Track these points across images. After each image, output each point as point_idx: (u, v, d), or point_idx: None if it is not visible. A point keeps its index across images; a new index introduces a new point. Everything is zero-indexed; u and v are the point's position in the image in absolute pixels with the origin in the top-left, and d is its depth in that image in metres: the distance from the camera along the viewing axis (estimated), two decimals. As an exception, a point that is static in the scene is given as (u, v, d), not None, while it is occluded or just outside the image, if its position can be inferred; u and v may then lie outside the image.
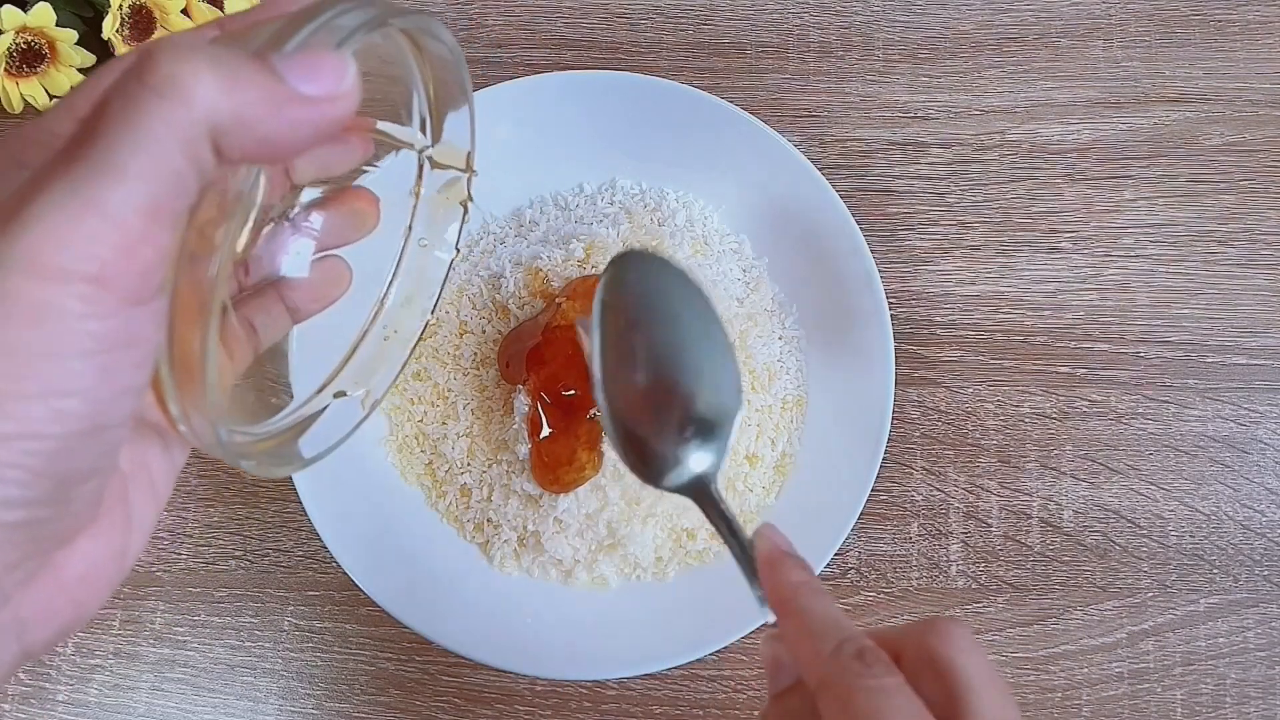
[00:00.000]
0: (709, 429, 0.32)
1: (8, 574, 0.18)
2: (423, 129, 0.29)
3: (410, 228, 0.32)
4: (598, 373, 0.31)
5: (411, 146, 0.30)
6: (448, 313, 0.46)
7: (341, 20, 0.21)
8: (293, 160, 0.23)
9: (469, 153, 0.31)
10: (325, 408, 0.30)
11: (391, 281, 0.33)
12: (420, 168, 0.31)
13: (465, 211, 0.32)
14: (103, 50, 0.47)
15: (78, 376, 0.17)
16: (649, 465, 0.32)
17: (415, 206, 0.32)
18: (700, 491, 0.31)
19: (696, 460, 0.31)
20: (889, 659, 0.24)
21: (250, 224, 0.20)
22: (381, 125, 0.29)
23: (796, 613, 0.26)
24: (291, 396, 0.30)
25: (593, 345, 0.31)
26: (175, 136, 0.17)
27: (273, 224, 0.28)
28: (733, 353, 0.33)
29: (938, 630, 0.24)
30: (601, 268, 0.40)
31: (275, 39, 0.20)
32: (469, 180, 0.31)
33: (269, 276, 0.29)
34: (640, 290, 0.32)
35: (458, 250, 0.33)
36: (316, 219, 0.29)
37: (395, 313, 0.33)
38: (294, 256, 0.29)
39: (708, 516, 0.31)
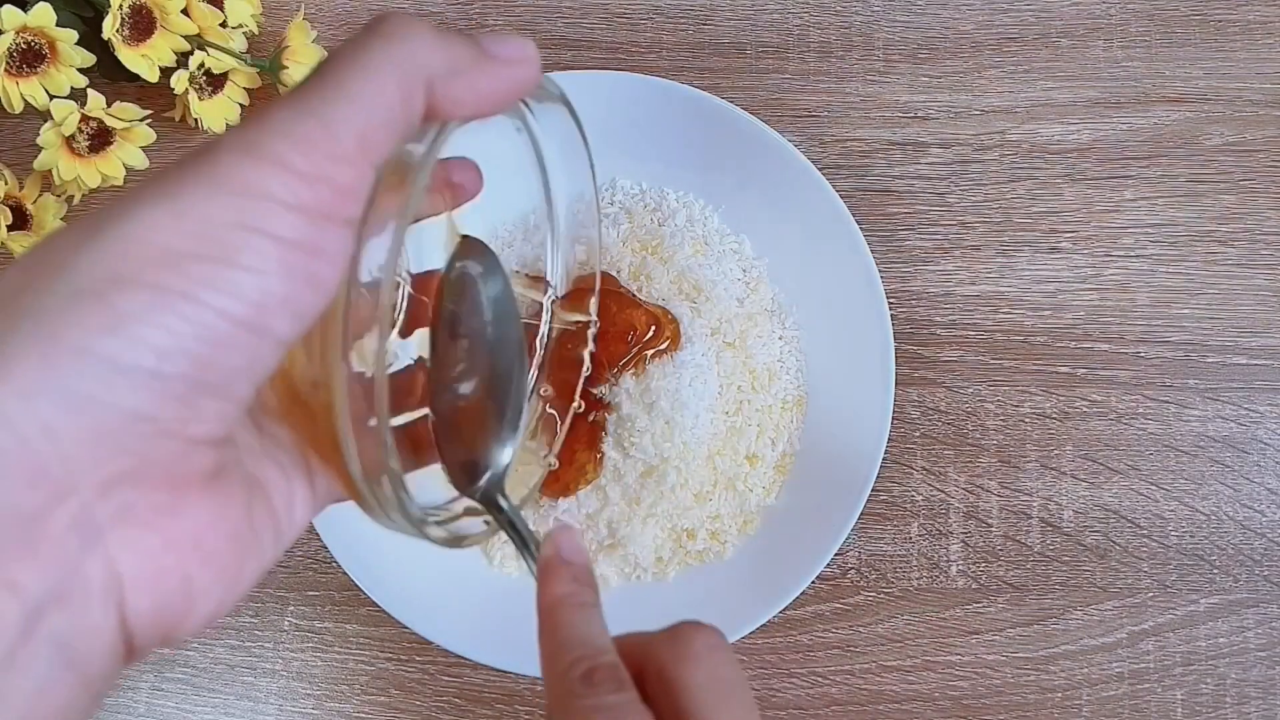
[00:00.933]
0: (504, 429, 0.30)
1: (100, 497, 0.16)
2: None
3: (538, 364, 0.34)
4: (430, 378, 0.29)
5: (543, 290, 0.31)
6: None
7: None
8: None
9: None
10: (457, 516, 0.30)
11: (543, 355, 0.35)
12: (550, 314, 0.33)
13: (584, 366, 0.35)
14: (103, 50, 0.46)
15: (259, 255, 0.17)
16: (465, 473, 0.30)
17: (541, 352, 0.34)
18: (485, 498, 0.29)
19: (498, 456, 0.30)
20: (623, 677, 0.23)
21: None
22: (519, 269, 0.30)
23: (549, 628, 0.25)
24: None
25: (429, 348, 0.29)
26: (395, 70, 0.19)
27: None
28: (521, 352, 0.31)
29: (674, 640, 0.24)
30: (599, 269, 0.40)
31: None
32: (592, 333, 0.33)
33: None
34: (464, 294, 0.30)
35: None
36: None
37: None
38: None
39: (499, 524, 0.29)
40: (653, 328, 0.43)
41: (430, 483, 0.26)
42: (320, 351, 0.20)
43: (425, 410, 0.28)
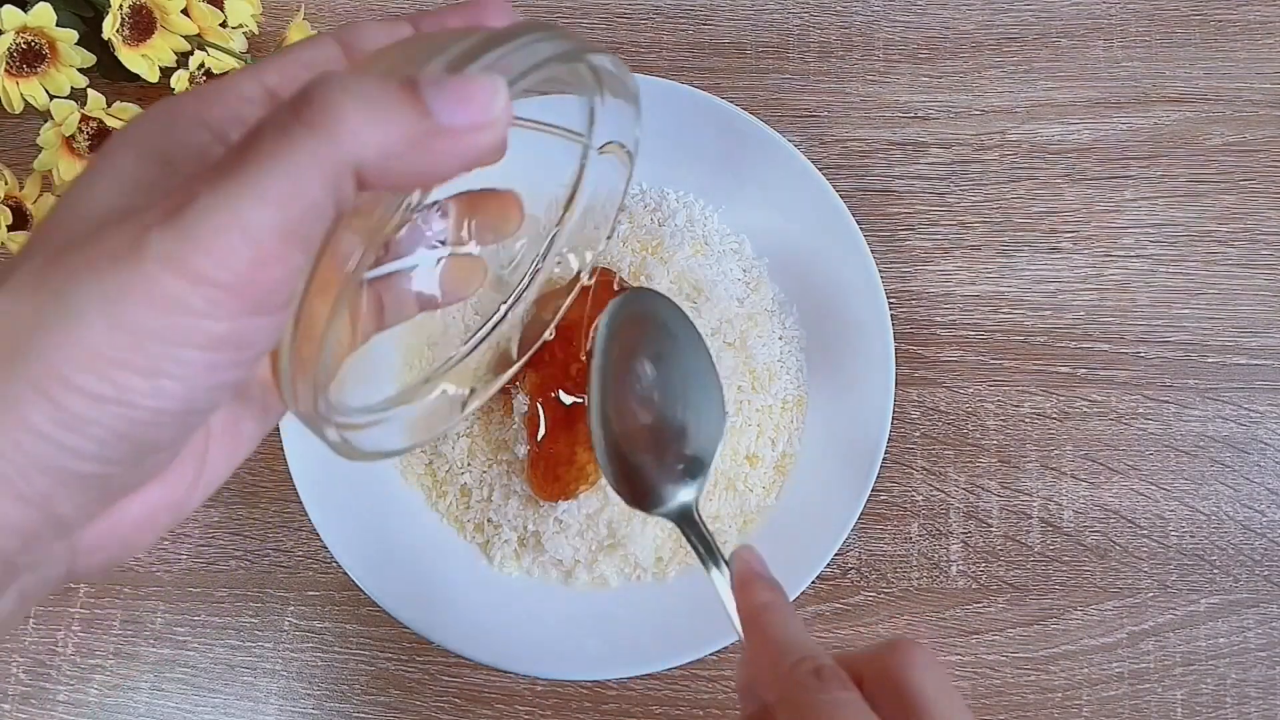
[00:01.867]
0: (697, 464, 0.34)
1: (73, 513, 0.19)
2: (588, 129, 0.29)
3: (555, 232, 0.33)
4: (596, 402, 0.32)
5: (578, 138, 0.30)
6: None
7: (537, 47, 0.21)
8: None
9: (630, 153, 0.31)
10: (425, 400, 0.31)
11: (528, 284, 0.33)
12: (581, 164, 0.31)
13: (611, 233, 0.33)
14: (103, 50, 0.46)
15: (184, 365, 0.18)
16: (642, 496, 0.33)
17: (570, 200, 0.32)
18: (685, 517, 0.33)
19: (685, 492, 0.33)
20: (846, 677, 0.25)
21: (396, 223, 0.20)
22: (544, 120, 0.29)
23: (760, 630, 0.27)
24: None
25: (593, 375, 0.32)
26: (318, 169, 0.18)
27: (414, 214, 0.28)
28: (719, 388, 0.34)
29: (896, 650, 0.25)
30: (600, 267, 0.40)
31: (460, 56, 0.20)
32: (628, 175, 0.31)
33: (404, 264, 0.29)
34: (642, 325, 0.33)
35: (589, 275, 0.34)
36: (456, 217, 0.29)
37: (513, 322, 0.33)
38: (430, 251, 0.29)
39: (688, 540, 0.32)
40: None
41: (359, 387, 0.26)
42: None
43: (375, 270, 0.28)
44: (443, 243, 0.29)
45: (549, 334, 0.36)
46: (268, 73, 0.23)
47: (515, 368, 0.34)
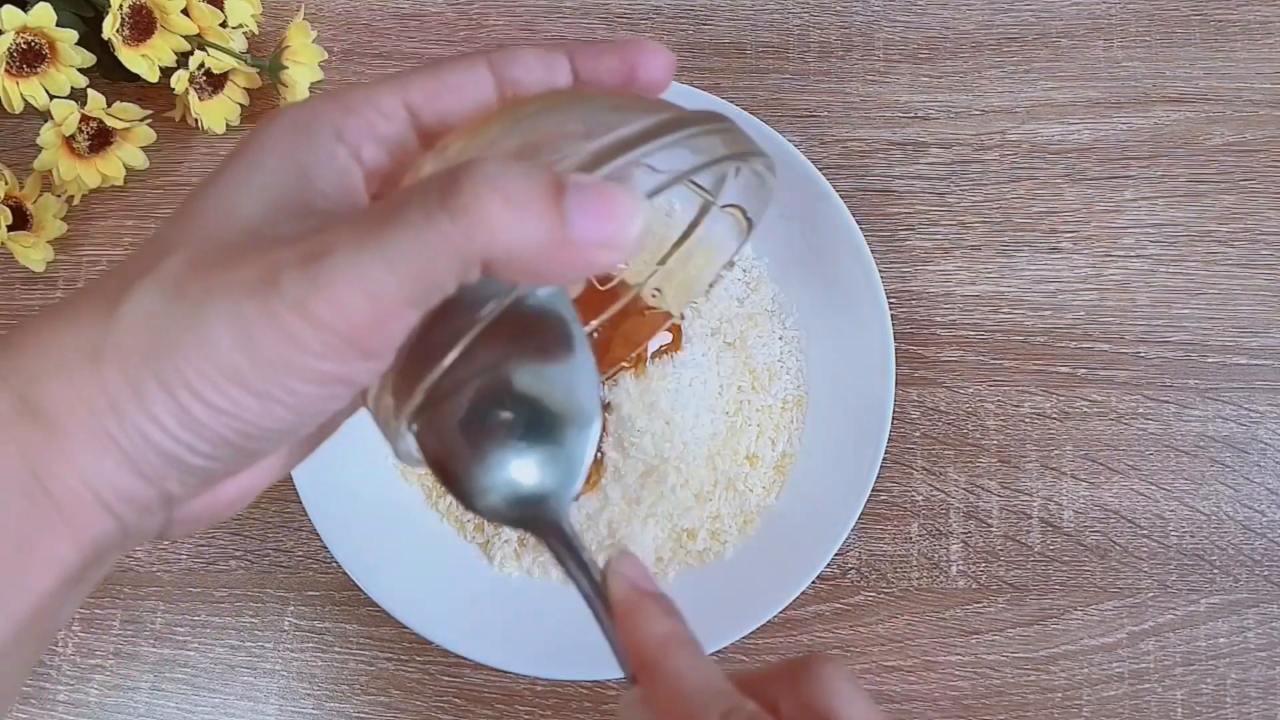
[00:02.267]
0: (544, 439, 0.26)
1: (180, 490, 0.21)
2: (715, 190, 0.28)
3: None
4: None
5: (705, 194, 0.28)
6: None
7: (702, 141, 0.21)
8: None
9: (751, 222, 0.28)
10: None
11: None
12: (700, 215, 0.29)
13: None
14: (103, 50, 0.46)
15: (294, 395, 0.20)
16: (463, 482, 0.25)
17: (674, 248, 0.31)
18: (535, 517, 0.25)
19: (523, 472, 0.25)
20: (766, 716, 0.22)
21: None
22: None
23: (665, 677, 0.23)
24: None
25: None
26: (450, 255, 0.19)
27: None
28: (592, 372, 0.27)
29: (811, 675, 0.23)
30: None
31: (610, 148, 0.20)
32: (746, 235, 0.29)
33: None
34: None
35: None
36: None
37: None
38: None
39: (549, 548, 0.25)
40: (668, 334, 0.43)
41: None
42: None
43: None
44: None
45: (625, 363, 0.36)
46: (411, 89, 0.23)
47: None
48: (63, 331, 0.20)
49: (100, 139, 0.48)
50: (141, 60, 0.47)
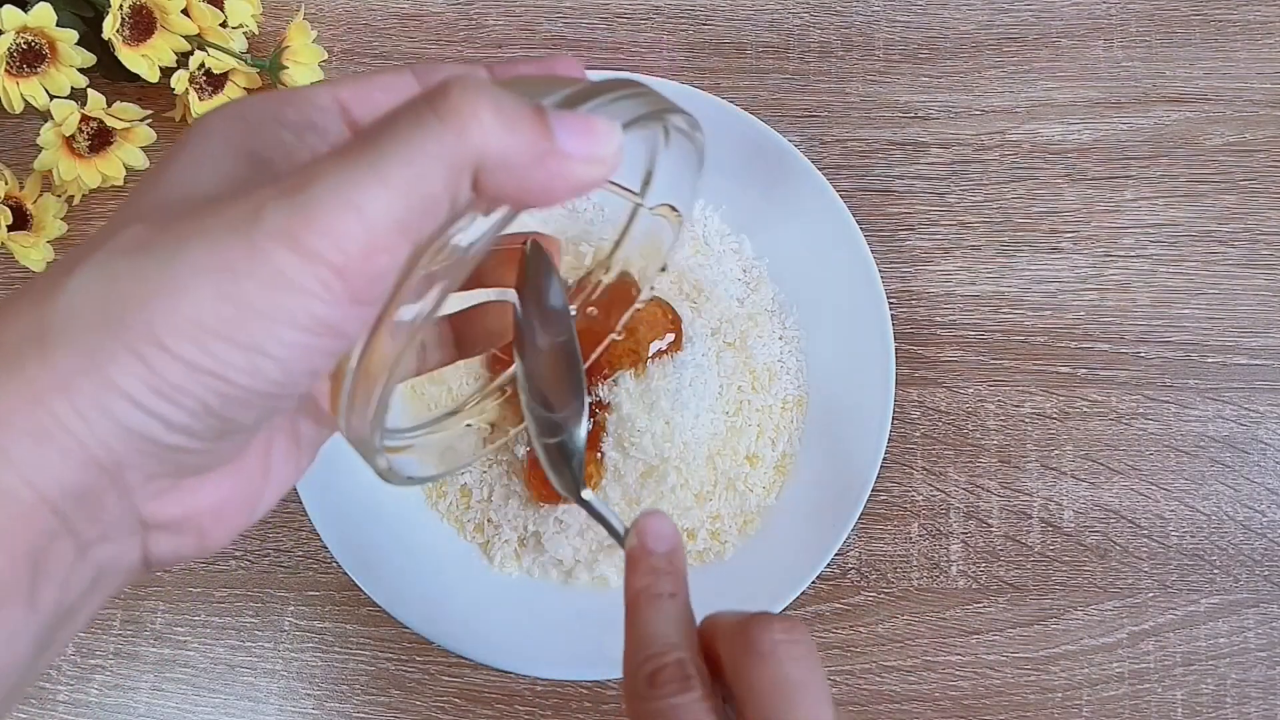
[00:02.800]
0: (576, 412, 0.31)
1: (142, 485, 0.20)
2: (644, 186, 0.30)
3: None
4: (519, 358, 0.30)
5: (633, 196, 0.30)
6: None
7: (628, 103, 0.22)
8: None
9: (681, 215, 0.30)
10: (451, 431, 0.31)
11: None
12: (632, 216, 0.31)
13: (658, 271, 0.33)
14: (103, 50, 0.46)
15: (283, 345, 0.18)
16: (565, 470, 0.31)
17: (615, 249, 0.33)
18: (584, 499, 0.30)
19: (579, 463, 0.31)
20: (688, 675, 0.24)
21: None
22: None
23: (628, 625, 0.25)
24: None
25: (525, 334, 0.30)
26: (443, 160, 0.18)
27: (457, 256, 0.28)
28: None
29: (741, 634, 0.24)
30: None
31: (567, 100, 0.21)
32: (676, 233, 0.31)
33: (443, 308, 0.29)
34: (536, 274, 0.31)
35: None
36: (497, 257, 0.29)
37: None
38: (463, 295, 0.29)
39: (600, 521, 0.30)
40: (671, 334, 0.43)
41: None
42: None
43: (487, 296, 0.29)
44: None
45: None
46: (342, 88, 0.23)
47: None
48: (2, 328, 0.18)
49: (100, 139, 0.48)
50: (141, 60, 0.47)
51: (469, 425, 0.33)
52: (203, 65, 0.48)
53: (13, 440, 0.18)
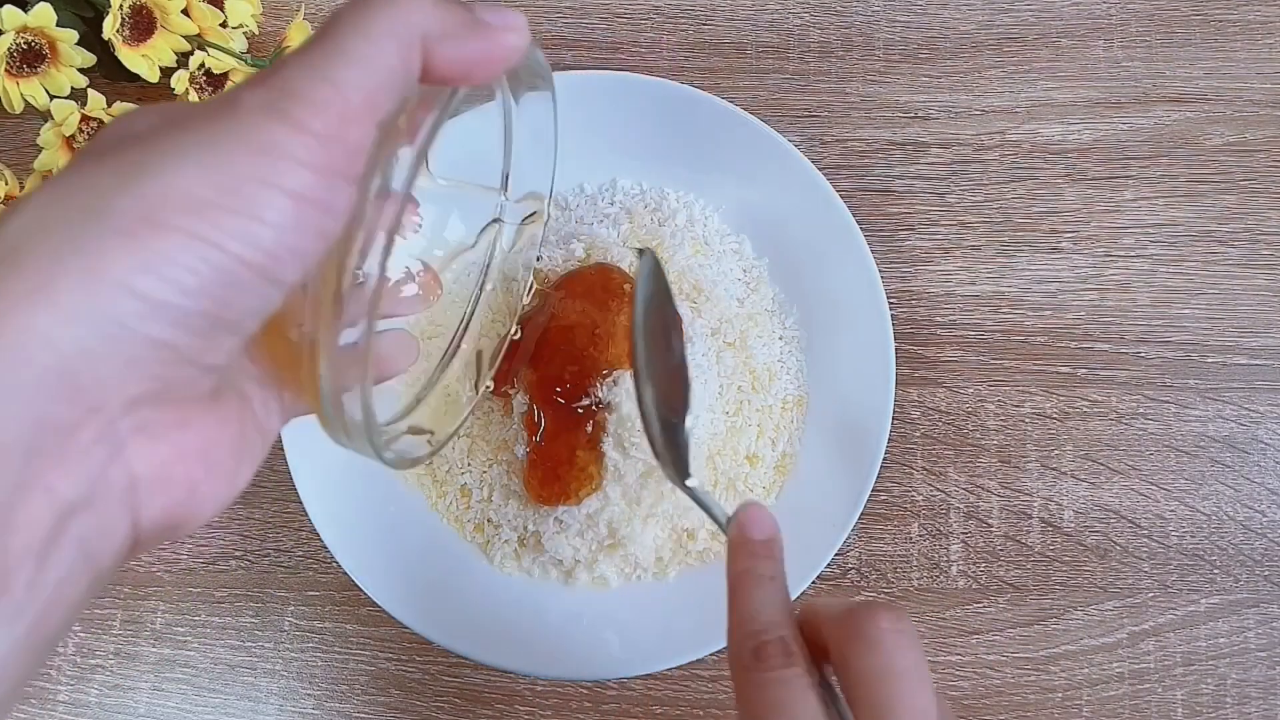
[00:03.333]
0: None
1: (123, 414, 0.18)
2: (503, 185, 0.32)
3: (483, 279, 0.36)
4: (644, 374, 0.32)
5: (496, 193, 0.32)
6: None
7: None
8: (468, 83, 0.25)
9: (546, 200, 0.33)
10: (427, 411, 0.33)
11: (465, 327, 0.36)
12: (498, 218, 0.34)
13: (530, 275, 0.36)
14: (103, 50, 0.46)
15: (277, 210, 0.19)
16: (684, 465, 0.33)
17: (489, 260, 0.36)
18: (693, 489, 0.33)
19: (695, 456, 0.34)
20: (791, 651, 0.25)
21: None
22: (470, 181, 0.31)
23: (732, 604, 0.27)
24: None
25: (637, 339, 0.32)
26: (395, 34, 0.20)
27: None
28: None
29: (847, 620, 0.25)
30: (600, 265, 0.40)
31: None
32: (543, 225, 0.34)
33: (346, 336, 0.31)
34: (658, 292, 0.33)
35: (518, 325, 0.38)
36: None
37: (463, 363, 0.36)
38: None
39: (705, 509, 0.32)
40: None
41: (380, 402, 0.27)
42: (319, 278, 0.21)
43: (391, 325, 0.31)
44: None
45: (515, 334, 0.40)
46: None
47: (464, 417, 0.36)
48: None
49: (100, 139, 0.48)
50: (141, 60, 0.47)
51: (442, 398, 0.34)
52: (203, 65, 0.48)
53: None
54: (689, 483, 0.32)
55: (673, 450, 0.32)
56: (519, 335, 0.41)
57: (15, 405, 0.17)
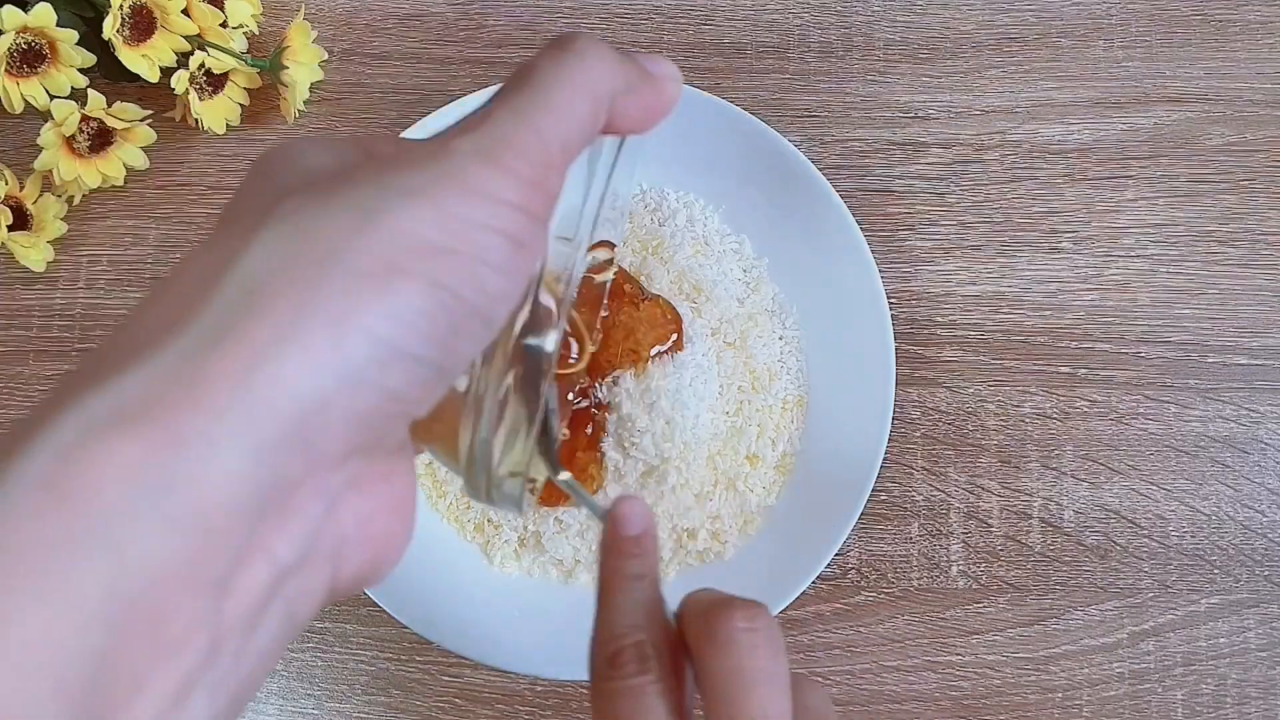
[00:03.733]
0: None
1: (336, 467, 0.18)
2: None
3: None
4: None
5: (569, 244, 0.32)
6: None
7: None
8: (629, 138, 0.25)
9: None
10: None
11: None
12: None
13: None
14: (103, 50, 0.46)
15: (493, 250, 0.19)
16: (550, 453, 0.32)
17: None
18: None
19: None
20: (645, 656, 0.24)
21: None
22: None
23: (600, 606, 0.26)
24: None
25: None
26: (589, 85, 0.21)
27: None
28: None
29: (702, 620, 0.24)
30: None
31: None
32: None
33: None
34: None
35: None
36: None
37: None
38: None
39: (581, 501, 0.31)
40: (674, 335, 0.43)
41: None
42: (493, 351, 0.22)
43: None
44: None
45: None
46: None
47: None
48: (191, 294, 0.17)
49: (100, 139, 0.48)
50: (142, 60, 0.47)
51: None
52: (203, 65, 0.48)
53: (216, 416, 0.16)
54: (560, 477, 0.31)
55: (544, 442, 0.32)
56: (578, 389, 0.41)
57: (257, 466, 0.16)
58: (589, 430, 0.42)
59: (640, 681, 0.23)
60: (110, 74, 0.48)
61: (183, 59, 0.48)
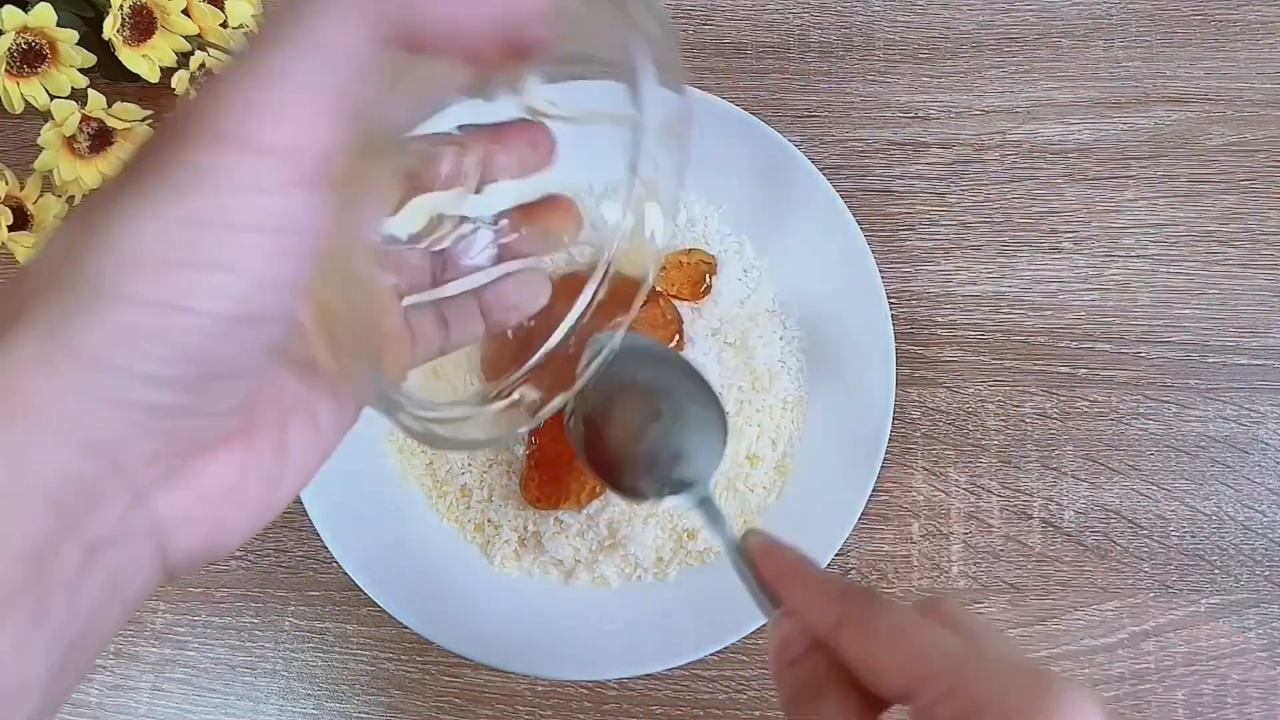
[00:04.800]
0: (683, 486, 0.33)
1: (145, 467, 0.18)
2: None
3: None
4: (580, 447, 0.33)
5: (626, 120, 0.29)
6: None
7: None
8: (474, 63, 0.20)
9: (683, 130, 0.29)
10: (503, 402, 0.31)
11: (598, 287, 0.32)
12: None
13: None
14: (103, 50, 0.46)
15: (238, 251, 0.17)
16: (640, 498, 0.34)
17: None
18: (704, 501, 0.32)
19: (674, 503, 0.34)
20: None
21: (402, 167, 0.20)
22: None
23: (799, 577, 0.27)
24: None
25: (572, 420, 0.33)
26: (350, 5, 0.16)
27: (471, 228, 0.28)
28: (719, 420, 0.34)
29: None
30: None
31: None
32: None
33: (463, 279, 0.29)
34: (617, 371, 0.31)
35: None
36: (514, 226, 0.29)
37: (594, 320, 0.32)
38: (486, 261, 0.29)
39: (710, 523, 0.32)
40: (674, 335, 0.43)
41: (435, 387, 0.26)
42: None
43: (430, 295, 0.29)
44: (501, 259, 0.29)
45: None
46: None
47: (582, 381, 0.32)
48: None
49: (101, 139, 0.48)
50: (142, 60, 0.47)
51: (522, 395, 0.32)
52: (203, 65, 0.48)
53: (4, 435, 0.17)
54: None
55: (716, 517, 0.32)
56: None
57: (40, 464, 0.17)
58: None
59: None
60: (110, 74, 0.48)
61: (183, 59, 0.48)
